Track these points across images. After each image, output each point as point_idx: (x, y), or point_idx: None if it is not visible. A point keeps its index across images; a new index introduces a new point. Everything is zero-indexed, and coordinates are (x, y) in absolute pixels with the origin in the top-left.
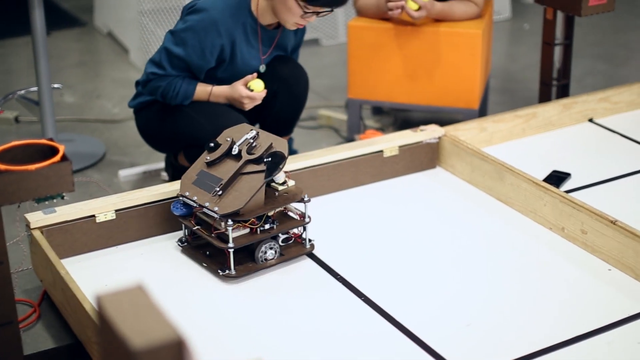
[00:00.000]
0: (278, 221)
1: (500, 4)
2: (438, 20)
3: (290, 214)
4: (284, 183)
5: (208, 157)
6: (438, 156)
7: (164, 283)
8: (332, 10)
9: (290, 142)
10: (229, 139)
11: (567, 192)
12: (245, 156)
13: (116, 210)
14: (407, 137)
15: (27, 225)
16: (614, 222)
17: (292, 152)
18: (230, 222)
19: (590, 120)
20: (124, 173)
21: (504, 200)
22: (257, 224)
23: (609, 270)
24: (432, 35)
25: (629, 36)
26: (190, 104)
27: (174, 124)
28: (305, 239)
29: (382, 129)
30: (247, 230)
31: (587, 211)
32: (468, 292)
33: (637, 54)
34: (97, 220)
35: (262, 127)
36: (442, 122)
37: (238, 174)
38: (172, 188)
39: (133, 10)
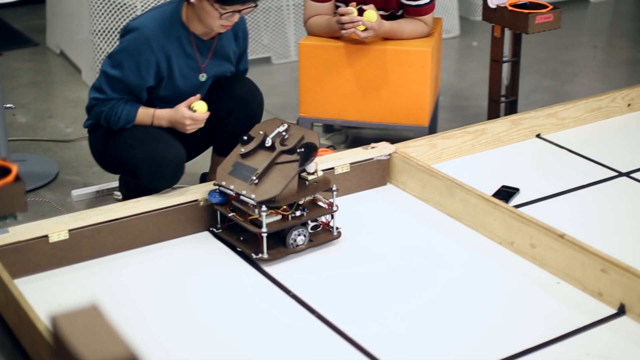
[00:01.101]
0: (308, 209)
1: (449, 22)
2: (387, 38)
3: (320, 203)
4: (314, 173)
5: (242, 149)
6: (389, 173)
7: (118, 302)
8: (255, 6)
9: None
10: (261, 132)
11: (516, 207)
12: (279, 147)
13: (69, 230)
14: (358, 154)
15: None
16: (562, 236)
17: None
18: (264, 208)
19: (538, 135)
20: (77, 193)
21: (454, 216)
22: (288, 211)
23: (558, 283)
24: (382, 54)
25: (575, 53)
26: (131, 128)
27: (113, 147)
28: (332, 227)
29: (334, 147)
30: (279, 217)
31: (535, 226)
32: (420, 307)
33: (583, 70)
34: (50, 240)
35: (215, 148)
36: (393, 140)
37: (273, 163)
38: (125, 207)
39: (85, 30)
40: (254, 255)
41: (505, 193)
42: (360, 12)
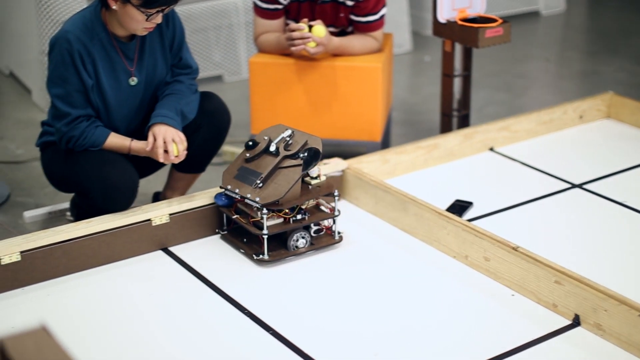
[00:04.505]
0: (310, 213)
1: (400, 37)
2: (337, 54)
3: (322, 207)
4: (317, 177)
5: (247, 154)
6: (342, 189)
7: (72, 323)
8: (176, 2)
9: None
10: (266, 138)
11: (470, 220)
12: (283, 152)
13: (21, 252)
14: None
15: None
16: (515, 249)
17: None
18: (265, 210)
19: (491, 149)
20: (29, 214)
21: (408, 231)
22: (290, 214)
23: (512, 295)
24: (332, 70)
25: (526, 66)
26: (93, 151)
27: (66, 168)
28: (334, 231)
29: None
30: (280, 220)
31: (489, 239)
32: (374, 323)
33: (534, 83)
34: (2, 263)
35: (176, 164)
36: (346, 155)
37: (277, 168)
38: (77, 228)
39: (34, 50)
40: (254, 256)
41: (459, 207)
42: (310, 28)
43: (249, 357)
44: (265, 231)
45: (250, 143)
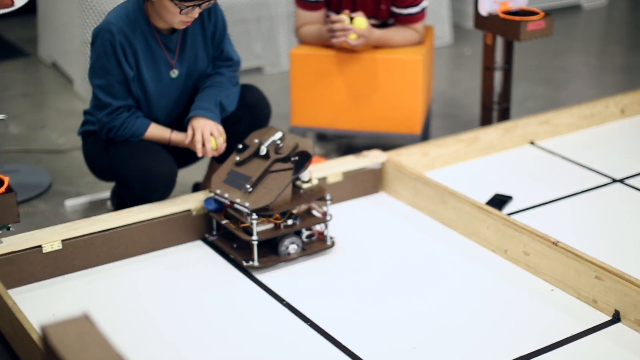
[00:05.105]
0: (301, 218)
1: (440, 29)
2: (378, 47)
3: (314, 212)
4: (309, 181)
5: (237, 158)
6: (381, 181)
7: (111, 311)
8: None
9: None
10: (256, 141)
11: (509, 214)
12: (274, 156)
13: (62, 240)
14: (351, 163)
15: None
16: (555, 244)
17: None
18: (254, 216)
19: (532, 143)
20: (70, 203)
21: (447, 224)
22: (280, 220)
23: (552, 290)
24: (373, 62)
25: (567, 59)
26: (133, 141)
27: (106, 157)
28: (326, 236)
29: (326, 156)
30: (271, 225)
31: (529, 233)
32: (413, 315)
33: (575, 77)
34: (44, 251)
35: (215, 157)
36: (385, 148)
37: (267, 172)
38: (118, 217)
39: (77, 40)
40: (244, 263)
41: (499, 201)
42: (351, 20)
43: (288, 347)
44: (255, 237)
45: (241, 146)
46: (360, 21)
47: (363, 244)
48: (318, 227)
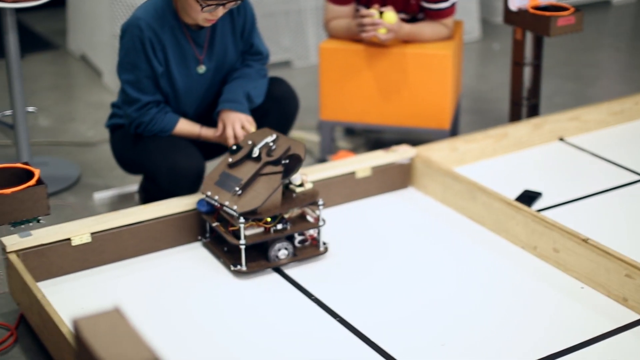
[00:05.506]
0: (293, 222)
1: (470, 24)
2: (407, 41)
3: (308, 217)
4: (301, 185)
5: (230, 159)
6: (410, 176)
7: (141, 305)
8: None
9: None
10: (250, 142)
11: (539, 211)
12: (265, 158)
13: (92, 233)
14: (380, 157)
15: (3, 248)
16: (585, 241)
17: None
18: (242, 219)
19: (561, 139)
20: (99, 196)
21: (476, 220)
22: (271, 224)
23: (582, 288)
24: (403, 57)
25: (597, 55)
26: (162, 137)
27: (134, 151)
28: (319, 242)
29: (355, 150)
30: (261, 229)
31: (558, 230)
32: (442, 312)
33: (605, 73)
34: (73, 244)
35: None
36: (414, 143)
37: (257, 174)
38: (147, 210)
39: (106, 33)
40: (232, 267)
41: (528, 197)
42: (381, 15)
43: (311, 341)
44: (242, 241)
45: (234, 147)
46: (390, 16)
47: (391, 239)
48: (312, 232)
